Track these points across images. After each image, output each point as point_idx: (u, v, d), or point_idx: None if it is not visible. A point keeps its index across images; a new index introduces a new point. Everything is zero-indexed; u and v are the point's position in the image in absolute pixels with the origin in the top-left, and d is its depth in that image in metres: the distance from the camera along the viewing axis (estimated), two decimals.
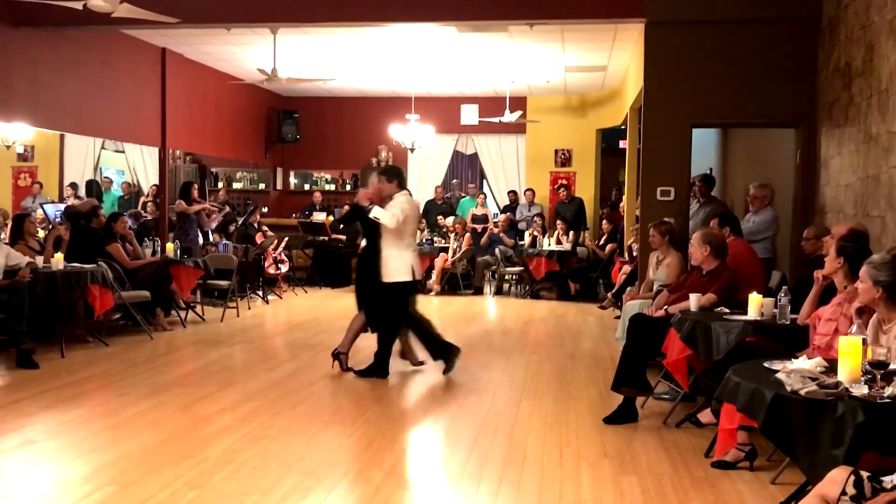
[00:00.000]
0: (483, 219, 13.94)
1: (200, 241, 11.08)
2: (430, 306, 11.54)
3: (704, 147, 11.31)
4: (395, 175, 6.85)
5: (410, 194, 7.04)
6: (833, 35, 7.24)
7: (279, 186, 15.76)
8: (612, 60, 11.33)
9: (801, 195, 7.83)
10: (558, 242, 12.56)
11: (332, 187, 15.84)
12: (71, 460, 4.49)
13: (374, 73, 12.86)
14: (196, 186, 11.25)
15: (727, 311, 5.29)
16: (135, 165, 15.30)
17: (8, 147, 11.12)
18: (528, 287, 12.63)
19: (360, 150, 15.51)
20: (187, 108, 11.90)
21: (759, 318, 4.97)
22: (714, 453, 4.55)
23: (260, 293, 11.50)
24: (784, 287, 5.16)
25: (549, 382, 6.63)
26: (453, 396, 6.15)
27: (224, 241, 11.14)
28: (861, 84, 6.32)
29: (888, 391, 3.07)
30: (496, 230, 13.42)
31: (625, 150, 13.02)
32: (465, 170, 16.30)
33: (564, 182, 14.49)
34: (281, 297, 11.90)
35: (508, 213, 13.98)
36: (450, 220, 13.37)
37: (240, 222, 12.22)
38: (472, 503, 3.96)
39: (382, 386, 6.53)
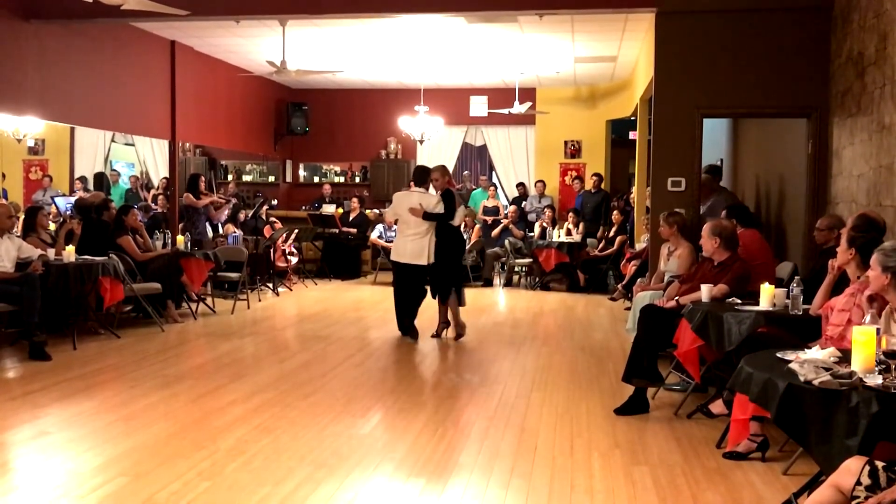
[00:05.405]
0: (494, 211, 13.92)
1: (210, 233, 11.12)
2: None
3: (716, 137, 11.26)
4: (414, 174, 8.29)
5: (409, 188, 8.30)
6: (846, 23, 7.18)
7: (289, 179, 15.77)
8: (622, 51, 11.28)
9: (812, 185, 7.78)
10: (568, 234, 12.54)
11: (342, 180, 15.84)
12: (83, 451, 4.51)
13: (383, 65, 12.84)
14: (203, 179, 11.27)
15: (739, 301, 5.27)
16: (145, 158, 15.35)
17: (19, 140, 11.18)
18: (537, 279, 12.61)
19: (369, 142, 15.52)
20: (197, 101, 11.91)
21: (771, 309, 4.96)
22: (726, 444, 4.54)
23: (270, 285, 11.53)
24: (796, 277, 5.13)
25: (559, 374, 6.62)
26: (464, 388, 6.15)
27: (235, 233, 11.15)
28: (874, 73, 6.27)
29: None
30: (506, 221, 13.41)
31: (635, 141, 12.99)
32: (475, 161, 16.28)
33: (575, 173, 14.45)
34: (291, 290, 11.92)
35: (516, 205, 13.95)
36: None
37: (249, 215, 12.25)
38: (484, 495, 3.96)
39: (393, 378, 6.54)
